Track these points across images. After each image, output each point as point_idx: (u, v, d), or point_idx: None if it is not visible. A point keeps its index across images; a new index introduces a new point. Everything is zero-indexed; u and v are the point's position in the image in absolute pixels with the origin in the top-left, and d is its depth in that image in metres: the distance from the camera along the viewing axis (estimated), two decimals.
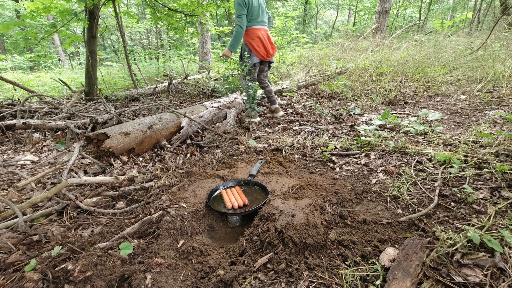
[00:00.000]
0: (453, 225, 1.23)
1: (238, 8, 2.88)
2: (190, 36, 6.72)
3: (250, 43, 3.07)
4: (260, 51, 3.10)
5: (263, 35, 3.08)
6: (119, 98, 4.78)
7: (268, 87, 3.48)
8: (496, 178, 1.52)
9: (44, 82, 8.07)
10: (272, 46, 3.20)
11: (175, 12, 5.16)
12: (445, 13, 15.00)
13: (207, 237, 1.39)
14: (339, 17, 20.49)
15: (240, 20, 2.90)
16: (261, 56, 3.13)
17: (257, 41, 3.06)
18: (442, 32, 6.66)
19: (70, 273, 1.03)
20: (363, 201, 1.52)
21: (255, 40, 3.05)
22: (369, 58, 5.55)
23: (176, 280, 1.06)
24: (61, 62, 14.88)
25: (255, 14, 2.99)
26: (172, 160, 2.29)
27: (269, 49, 3.15)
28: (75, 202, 1.61)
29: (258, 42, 3.06)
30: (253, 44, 3.06)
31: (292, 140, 2.59)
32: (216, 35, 14.89)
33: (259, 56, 3.13)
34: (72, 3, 4.25)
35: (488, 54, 4.42)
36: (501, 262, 0.98)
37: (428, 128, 2.43)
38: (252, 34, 3.04)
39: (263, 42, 3.08)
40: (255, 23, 3.03)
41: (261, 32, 3.06)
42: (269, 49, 3.15)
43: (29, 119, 2.98)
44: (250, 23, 3.01)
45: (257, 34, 3.04)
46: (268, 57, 3.19)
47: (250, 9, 2.93)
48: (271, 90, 3.50)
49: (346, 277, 1.02)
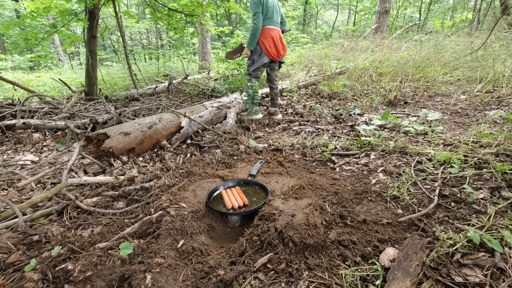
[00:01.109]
0: (453, 225, 1.23)
1: (253, 7, 2.95)
2: (190, 36, 6.72)
3: (263, 42, 3.09)
4: (271, 51, 3.13)
5: (276, 36, 3.11)
6: (119, 98, 4.78)
7: (276, 89, 3.50)
8: (496, 178, 1.52)
9: (44, 82, 8.07)
10: (283, 47, 3.23)
11: (175, 12, 5.16)
12: (445, 13, 15.00)
13: (207, 237, 1.39)
14: (339, 17, 20.49)
15: (256, 18, 2.96)
16: (271, 56, 3.16)
17: (269, 41, 3.09)
18: (442, 32, 6.66)
19: (70, 273, 1.03)
20: (363, 201, 1.52)
21: (268, 39, 3.08)
22: (369, 58, 5.55)
23: (176, 280, 1.06)
24: (61, 62, 14.88)
25: (270, 13, 3.04)
26: (172, 160, 2.29)
27: (280, 50, 3.18)
28: (75, 202, 1.61)
29: (270, 42, 3.10)
30: (265, 44, 3.09)
31: (292, 140, 2.59)
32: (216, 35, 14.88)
33: (270, 55, 3.16)
34: (72, 3, 4.26)
35: (488, 54, 4.42)
36: (501, 262, 0.98)
37: (428, 128, 2.43)
38: (265, 34, 3.07)
39: (275, 43, 3.12)
40: (269, 22, 3.07)
41: (274, 33, 3.10)
42: (280, 50, 3.19)
43: (29, 119, 2.98)
44: (265, 23, 3.05)
45: (271, 34, 3.08)
46: (278, 57, 3.22)
47: (265, 8, 2.99)
48: (277, 93, 3.52)
49: (346, 277, 1.02)
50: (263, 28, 3.06)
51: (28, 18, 4.01)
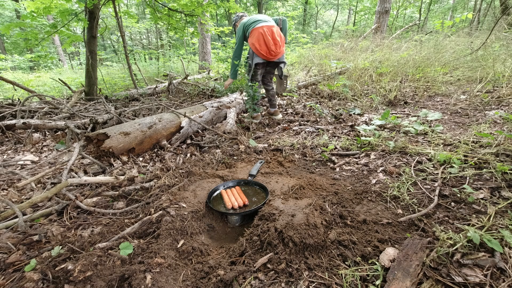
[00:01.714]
0: (453, 225, 1.23)
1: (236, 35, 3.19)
2: (190, 36, 6.72)
3: (252, 43, 3.01)
4: (262, 50, 2.96)
5: (265, 31, 2.94)
6: (119, 98, 4.78)
7: (272, 90, 3.45)
8: (496, 178, 1.52)
9: (44, 82, 8.07)
10: (275, 41, 2.97)
11: (175, 12, 5.16)
12: (445, 13, 15.00)
13: (207, 237, 1.39)
14: (339, 17, 20.49)
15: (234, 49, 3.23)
16: (263, 55, 3.00)
17: (258, 39, 2.95)
18: (442, 32, 6.66)
19: (70, 273, 1.03)
20: (363, 201, 1.52)
21: (255, 38, 2.97)
22: (369, 58, 5.55)
23: (176, 280, 1.06)
24: (61, 62, 14.88)
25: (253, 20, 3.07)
26: (172, 160, 2.29)
27: (270, 46, 2.94)
28: (75, 202, 1.61)
29: (260, 40, 2.94)
30: (255, 44, 2.98)
31: (292, 140, 2.59)
32: (216, 35, 14.89)
33: (261, 55, 3.02)
34: (72, 3, 4.25)
35: (488, 54, 4.42)
36: (501, 262, 0.98)
37: (428, 128, 2.43)
38: (253, 33, 3.01)
39: (265, 38, 2.93)
40: (256, 24, 3.02)
41: (263, 29, 2.95)
42: (271, 46, 2.94)
43: (29, 119, 2.98)
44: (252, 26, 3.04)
45: (259, 31, 2.95)
46: (270, 55, 3.00)
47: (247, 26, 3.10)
48: (274, 94, 3.48)
49: (346, 277, 1.02)
50: (252, 30, 3.02)
51: (28, 18, 4.01)
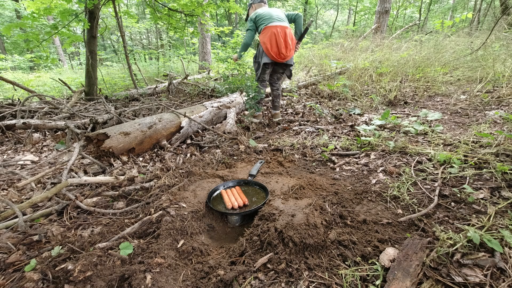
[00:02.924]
0: (453, 225, 1.23)
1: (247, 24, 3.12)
2: (190, 36, 6.72)
3: (263, 42, 2.95)
4: (272, 50, 2.91)
5: (279, 32, 2.88)
6: (119, 98, 4.78)
7: (277, 91, 3.37)
8: (496, 178, 1.52)
9: (44, 82, 8.06)
10: (287, 45, 2.93)
11: (175, 12, 5.16)
12: (445, 13, 14.99)
13: (207, 237, 1.39)
14: (339, 17, 20.49)
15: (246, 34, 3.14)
16: (272, 56, 2.95)
17: (270, 38, 2.89)
18: (442, 32, 6.66)
19: (70, 273, 1.03)
20: (363, 201, 1.52)
21: (267, 37, 2.90)
22: (369, 58, 5.55)
23: (176, 280, 1.06)
24: (61, 62, 14.87)
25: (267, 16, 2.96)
26: (172, 160, 2.29)
27: (281, 48, 2.90)
28: (75, 202, 1.61)
29: (272, 40, 2.89)
30: (266, 43, 2.91)
31: (292, 140, 2.59)
32: (216, 35, 14.88)
33: (270, 56, 2.96)
34: (72, 3, 4.25)
35: (488, 54, 4.42)
36: (501, 262, 0.98)
37: (428, 128, 2.43)
38: (266, 31, 2.93)
39: (277, 39, 2.88)
40: (270, 21, 2.93)
41: (277, 29, 2.88)
42: (282, 48, 2.90)
43: (29, 119, 2.98)
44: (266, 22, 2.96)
45: (272, 30, 2.89)
46: (280, 57, 2.96)
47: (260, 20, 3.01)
48: (278, 95, 3.40)
49: (346, 277, 1.02)
50: (265, 27, 2.94)
51: (29, 19, 4.00)
